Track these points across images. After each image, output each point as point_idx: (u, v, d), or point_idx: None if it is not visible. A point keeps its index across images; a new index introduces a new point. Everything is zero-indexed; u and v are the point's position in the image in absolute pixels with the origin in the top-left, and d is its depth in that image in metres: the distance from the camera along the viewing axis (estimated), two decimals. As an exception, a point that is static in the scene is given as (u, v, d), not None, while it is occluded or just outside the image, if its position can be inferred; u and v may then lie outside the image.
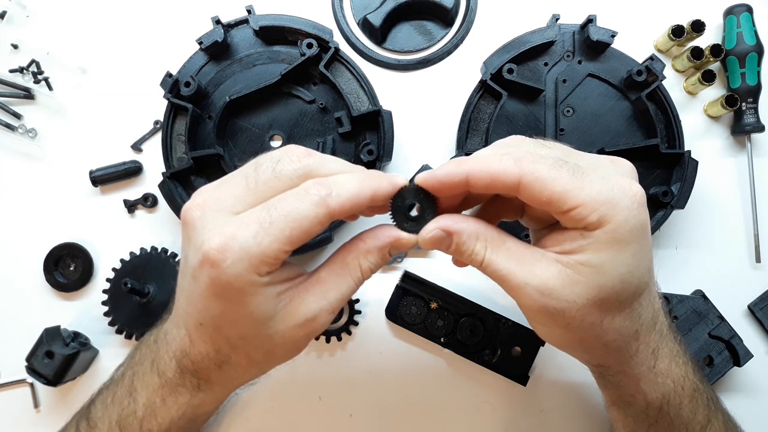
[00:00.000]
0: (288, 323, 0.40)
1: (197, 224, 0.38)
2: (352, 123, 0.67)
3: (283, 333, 0.40)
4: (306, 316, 0.40)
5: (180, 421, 0.46)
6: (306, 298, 0.41)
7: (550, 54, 0.69)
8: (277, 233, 0.37)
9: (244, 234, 0.36)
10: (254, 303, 0.38)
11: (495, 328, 0.67)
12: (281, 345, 0.41)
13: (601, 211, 0.37)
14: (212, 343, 0.41)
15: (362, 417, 0.69)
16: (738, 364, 0.66)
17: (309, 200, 0.37)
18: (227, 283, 0.37)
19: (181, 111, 0.67)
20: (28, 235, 0.71)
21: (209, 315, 0.40)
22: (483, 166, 0.38)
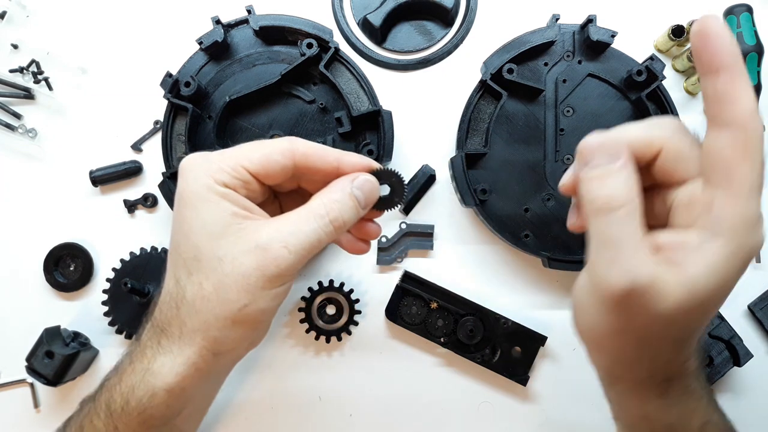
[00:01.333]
0: (239, 247, 0.40)
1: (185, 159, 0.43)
2: (352, 123, 0.67)
3: (233, 257, 0.40)
4: (256, 242, 0.40)
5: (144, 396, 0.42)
6: (261, 227, 0.41)
7: (550, 54, 0.69)
8: (239, 150, 0.42)
9: (213, 152, 0.42)
10: (207, 211, 0.40)
11: (495, 328, 0.67)
12: (231, 275, 0.40)
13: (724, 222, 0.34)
14: (173, 270, 0.42)
15: (362, 417, 0.69)
16: (738, 364, 0.66)
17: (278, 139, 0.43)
18: (186, 186, 0.40)
19: (181, 111, 0.67)
20: (28, 235, 0.71)
21: (174, 231, 0.41)
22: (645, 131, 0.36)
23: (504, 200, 0.67)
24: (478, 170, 0.68)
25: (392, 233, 0.71)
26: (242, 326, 0.42)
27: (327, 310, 0.70)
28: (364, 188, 0.43)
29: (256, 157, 0.42)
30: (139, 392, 0.42)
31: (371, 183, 0.44)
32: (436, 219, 0.71)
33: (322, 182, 0.44)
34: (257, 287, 0.40)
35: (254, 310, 0.41)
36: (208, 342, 0.41)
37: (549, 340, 0.68)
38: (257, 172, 0.42)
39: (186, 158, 0.43)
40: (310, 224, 0.41)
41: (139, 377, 0.42)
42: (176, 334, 0.42)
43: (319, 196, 0.43)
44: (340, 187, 0.43)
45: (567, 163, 0.68)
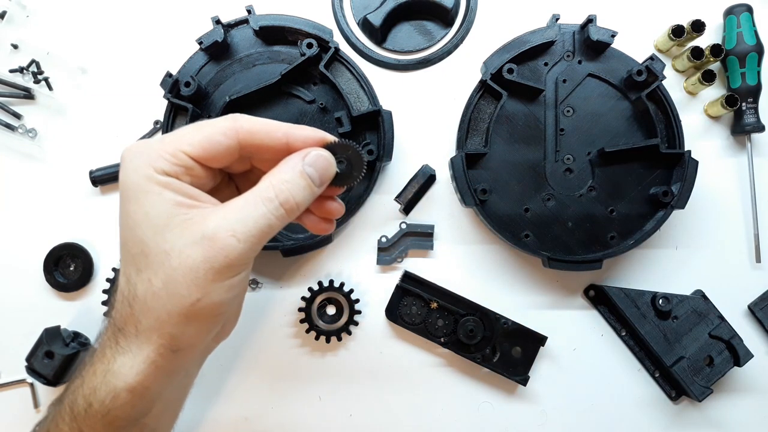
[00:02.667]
0: (185, 239, 0.37)
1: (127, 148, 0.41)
2: (352, 123, 0.67)
3: (179, 251, 0.37)
4: (203, 232, 0.37)
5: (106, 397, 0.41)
6: (207, 216, 0.38)
7: (550, 54, 0.69)
8: (179, 134, 0.39)
9: (153, 139, 0.40)
10: (149, 202, 0.38)
11: (495, 328, 0.67)
12: (179, 269, 0.37)
13: None
14: (124, 268, 0.40)
15: (362, 417, 0.69)
16: (738, 364, 0.66)
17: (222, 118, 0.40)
18: (127, 178, 0.38)
19: (181, 111, 0.67)
20: (28, 235, 0.71)
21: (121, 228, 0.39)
22: None
23: (504, 200, 0.67)
24: (478, 170, 0.68)
25: (392, 233, 0.70)
26: (198, 321, 0.40)
27: (327, 310, 0.70)
28: (317, 164, 0.40)
29: (197, 140, 0.39)
30: (101, 394, 0.41)
31: (324, 158, 0.41)
32: (436, 219, 0.71)
33: (274, 161, 0.41)
34: (207, 280, 0.38)
35: (208, 303, 0.39)
36: (164, 339, 0.40)
37: (549, 340, 0.68)
38: (199, 155, 0.39)
39: (126, 148, 0.40)
40: (258, 209, 0.38)
41: (100, 379, 0.41)
42: (132, 332, 0.40)
43: (267, 176, 0.40)
44: (290, 165, 0.40)
45: (567, 163, 0.68)
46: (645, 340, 0.67)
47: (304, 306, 0.68)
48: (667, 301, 0.67)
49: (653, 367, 0.70)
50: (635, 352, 0.70)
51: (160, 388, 0.42)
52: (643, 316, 0.67)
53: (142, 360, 0.40)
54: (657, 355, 0.67)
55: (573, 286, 0.71)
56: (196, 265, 0.37)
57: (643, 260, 0.71)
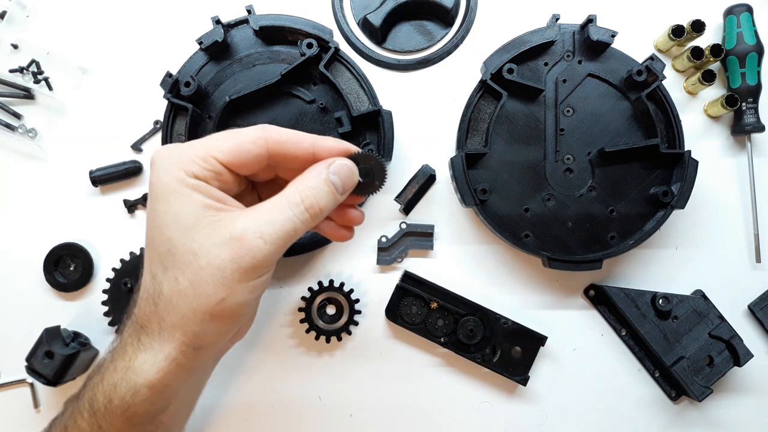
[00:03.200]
0: (212, 239, 0.39)
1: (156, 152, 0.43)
2: (352, 123, 0.67)
3: (207, 250, 0.39)
4: (231, 233, 0.39)
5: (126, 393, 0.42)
6: (235, 218, 0.40)
7: (550, 54, 0.69)
8: (210, 140, 0.41)
9: (184, 144, 0.41)
10: (179, 203, 0.39)
11: (495, 328, 0.67)
12: (206, 269, 0.39)
13: None
14: (149, 265, 0.41)
15: (362, 417, 0.69)
16: (738, 364, 0.66)
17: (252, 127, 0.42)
18: (158, 180, 0.40)
19: (181, 111, 0.67)
20: (28, 235, 0.71)
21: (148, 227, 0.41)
22: None
23: (504, 200, 0.67)
24: (478, 170, 0.67)
25: (392, 233, 0.71)
26: (221, 320, 0.41)
27: (327, 310, 0.70)
28: (341, 173, 0.42)
29: (227, 146, 0.41)
30: (122, 390, 0.42)
31: (348, 167, 0.43)
32: (436, 219, 0.71)
33: (299, 170, 0.43)
34: (233, 280, 0.39)
35: (232, 303, 0.40)
36: (187, 337, 0.41)
37: (549, 340, 0.68)
38: (229, 162, 0.41)
39: (157, 150, 0.42)
40: (284, 212, 0.40)
41: (120, 375, 0.42)
42: (155, 330, 0.41)
43: (294, 183, 0.42)
44: (315, 173, 0.42)
45: (567, 163, 0.68)
46: (645, 340, 0.67)
47: (304, 306, 0.68)
48: (667, 301, 0.67)
49: (653, 367, 0.70)
50: (635, 352, 0.70)
51: (178, 386, 0.43)
52: (643, 316, 0.67)
53: (163, 357, 0.41)
54: (657, 355, 0.67)
55: (573, 286, 0.71)
56: (224, 264, 0.39)
57: (643, 260, 0.71)
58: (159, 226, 0.40)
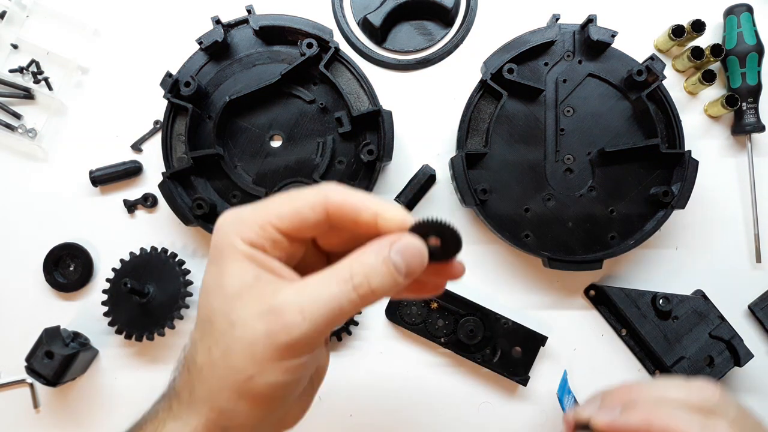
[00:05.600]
0: (252, 309, 0.36)
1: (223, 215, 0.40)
2: (352, 123, 0.67)
3: (244, 321, 0.36)
4: (270, 305, 0.35)
5: None
6: (279, 289, 0.36)
7: (551, 54, 0.69)
8: (270, 205, 0.38)
9: (246, 207, 0.39)
10: (228, 270, 0.37)
11: (495, 328, 0.67)
12: (239, 341, 0.36)
13: None
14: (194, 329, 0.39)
15: (362, 417, 0.69)
16: (738, 364, 0.66)
17: (310, 190, 0.38)
18: (216, 242, 0.38)
19: (181, 111, 0.67)
20: (28, 235, 0.71)
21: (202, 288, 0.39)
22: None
23: (504, 200, 0.67)
24: (478, 170, 0.67)
25: (392, 233, 0.70)
26: (250, 401, 0.37)
27: (327, 310, 0.70)
28: (406, 254, 0.37)
29: (286, 213, 0.37)
30: None
31: (416, 248, 0.37)
32: (436, 219, 0.71)
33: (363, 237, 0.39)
34: (265, 357, 0.35)
35: (261, 383, 0.36)
36: (214, 414, 0.38)
37: (549, 340, 0.68)
38: (287, 229, 0.37)
39: (222, 214, 0.39)
40: (330, 289, 0.36)
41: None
42: (186, 400, 0.39)
43: (350, 257, 0.37)
44: (375, 249, 0.37)
45: (567, 163, 0.68)
46: (645, 340, 0.67)
47: (304, 306, 0.68)
48: (667, 301, 0.67)
49: (653, 367, 0.70)
50: (635, 352, 0.70)
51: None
52: (643, 316, 0.67)
53: (190, 431, 0.38)
54: (657, 355, 0.67)
55: (573, 286, 0.71)
56: (257, 338, 0.35)
57: (643, 260, 0.71)
58: (206, 291, 0.38)
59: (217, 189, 0.69)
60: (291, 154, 0.68)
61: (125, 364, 0.70)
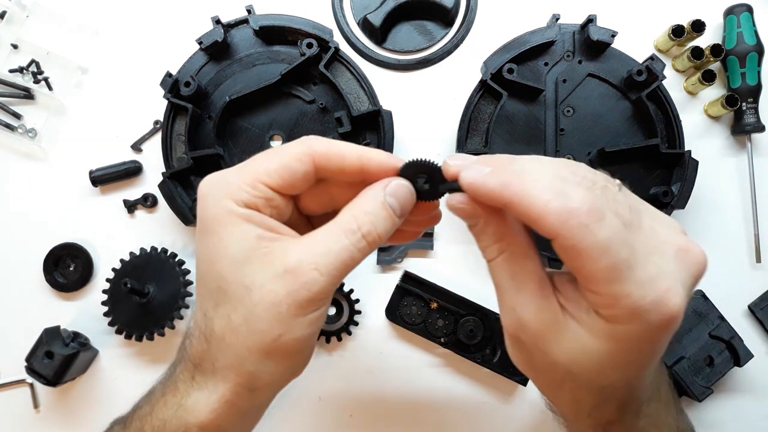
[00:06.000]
0: (266, 273, 0.36)
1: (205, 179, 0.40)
2: (352, 123, 0.67)
3: (261, 285, 0.36)
4: (285, 266, 0.36)
5: None
6: (289, 249, 0.37)
7: (550, 54, 0.69)
8: (257, 164, 0.38)
9: (230, 170, 0.39)
10: (230, 236, 0.37)
11: (495, 328, 0.67)
12: (261, 305, 0.36)
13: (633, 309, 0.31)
14: (201, 302, 0.39)
15: (362, 417, 0.69)
16: (738, 364, 0.66)
17: (293, 143, 0.39)
18: (206, 211, 0.38)
19: (181, 111, 0.67)
20: (28, 235, 0.71)
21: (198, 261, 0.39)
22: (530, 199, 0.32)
23: (504, 200, 0.67)
24: (478, 170, 0.67)
25: (392, 233, 0.70)
26: (278, 358, 0.38)
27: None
28: (398, 194, 0.38)
29: (274, 168, 0.38)
30: (171, 427, 0.40)
31: (406, 188, 0.39)
32: (436, 219, 0.71)
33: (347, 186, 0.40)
34: (290, 315, 0.37)
35: (289, 339, 0.37)
36: (242, 378, 0.39)
37: (549, 340, 0.68)
38: (278, 185, 0.38)
39: (203, 180, 0.39)
40: (340, 241, 0.37)
41: (171, 411, 0.40)
42: (209, 369, 0.39)
43: (349, 208, 0.39)
44: (371, 196, 0.38)
45: (567, 163, 0.68)
46: (645, 340, 0.67)
47: (304, 306, 0.68)
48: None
49: (653, 367, 0.70)
50: (635, 352, 0.70)
51: (231, 427, 0.41)
52: (643, 316, 0.67)
53: (217, 398, 0.39)
54: (657, 355, 0.67)
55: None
56: (279, 299, 0.36)
57: (643, 260, 0.71)
58: (209, 261, 0.38)
59: (217, 189, 0.68)
60: (291, 154, 0.68)
61: (125, 364, 0.70)
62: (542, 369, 0.37)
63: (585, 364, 0.34)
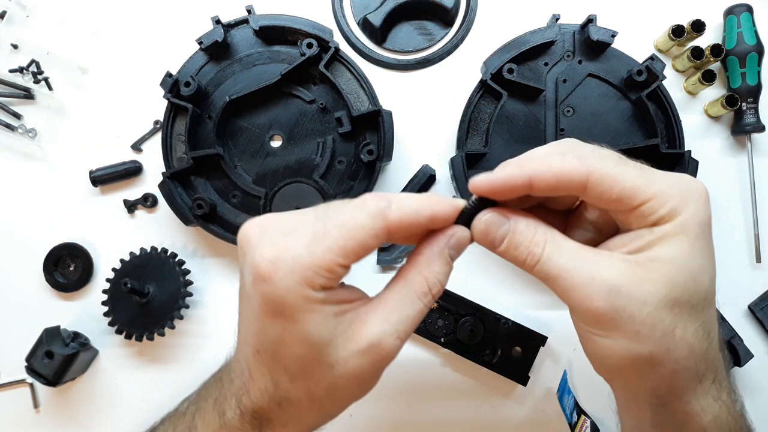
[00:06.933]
0: (350, 349, 0.37)
1: (253, 241, 0.36)
2: (352, 123, 0.67)
3: (345, 361, 0.37)
4: (369, 341, 0.37)
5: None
6: (368, 321, 0.37)
7: (551, 54, 0.69)
8: (330, 243, 0.35)
9: (296, 244, 0.35)
10: (310, 322, 0.36)
11: (495, 328, 0.67)
12: (345, 377, 0.37)
13: (671, 204, 0.36)
14: (270, 374, 0.38)
15: (362, 417, 0.69)
16: (738, 364, 0.66)
17: (366, 210, 0.36)
18: (279, 297, 0.35)
19: (181, 111, 0.67)
20: (28, 235, 0.71)
21: (265, 339, 0.37)
22: (547, 166, 0.36)
23: (504, 200, 0.67)
24: (478, 170, 0.67)
25: (392, 233, 0.70)
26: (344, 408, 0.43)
27: (327, 310, 0.70)
28: (459, 247, 0.39)
29: (351, 248, 0.36)
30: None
31: (466, 240, 0.39)
32: (436, 219, 0.71)
33: None
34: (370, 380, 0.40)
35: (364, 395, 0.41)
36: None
37: (549, 340, 0.68)
38: (353, 262, 0.37)
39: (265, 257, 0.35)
40: (417, 306, 0.38)
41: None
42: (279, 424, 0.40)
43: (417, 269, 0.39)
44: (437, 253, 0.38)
45: (567, 163, 0.68)
46: (645, 340, 0.67)
47: (304, 306, 0.68)
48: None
49: (653, 367, 0.70)
50: (635, 352, 0.70)
51: None
52: (643, 316, 0.67)
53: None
54: (657, 355, 0.67)
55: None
56: (363, 371, 0.38)
57: (643, 260, 0.71)
58: (285, 344, 0.37)
59: (217, 189, 0.69)
60: (291, 154, 0.68)
61: (125, 364, 0.70)
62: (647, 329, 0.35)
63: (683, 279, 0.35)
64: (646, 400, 0.39)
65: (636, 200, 0.35)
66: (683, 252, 0.36)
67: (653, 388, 0.38)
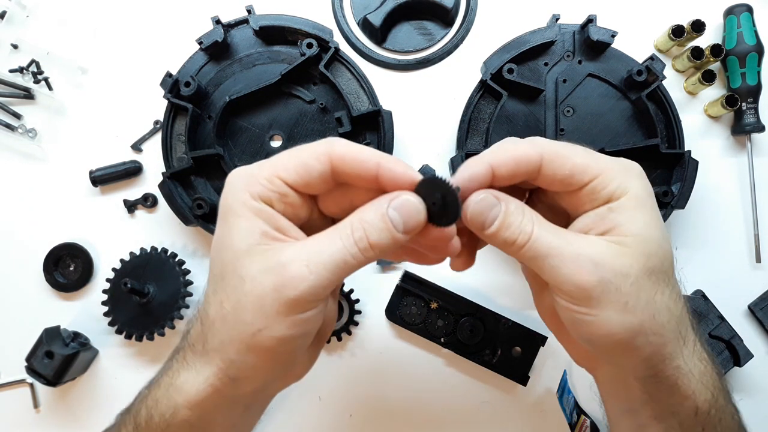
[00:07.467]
0: (258, 264, 0.37)
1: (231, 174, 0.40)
2: (352, 123, 0.67)
3: (252, 278, 0.37)
4: (278, 260, 0.37)
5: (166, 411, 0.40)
6: (287, 247, 0.38)
7: (550, 54, 0.69)
8: (276, 161, 0.39)
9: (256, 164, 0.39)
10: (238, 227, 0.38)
11: (495, 328, 0.67)
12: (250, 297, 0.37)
13: (619, 180, 0.38)
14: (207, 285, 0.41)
15: (362, 417, 0.69)
16: (738, 364, 0.66)
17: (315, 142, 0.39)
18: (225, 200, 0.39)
19: (181, 111, 0.67)
20: (28, 235, 0.71)
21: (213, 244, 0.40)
22: (504, 151, 0.38)
23: (504, 200, 0.67)
24: (478, 170, 0.67)
25: (392, 233, 0.70)
26: (258, 354, 0.38)
27: (327, 310, 0.70)
28: (403, 210, 0.37)
29: (292, 164, 0.38)
30: (162, 407, 0.40)
31: (413, 205, 0.37)
32: (436, 219, 0.71)
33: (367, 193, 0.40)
34: (273, 311, 0.37)
35: (269, 337, 0.37)
36: (225, 364, 0.39)
37: (549, 340, 0.68)
38: (294, 181, 0.38)
39: (233, 170, 0.40)
40: (334, 243, 0.37)
41: (163, 391, 0.41)
42: (199, 351, 0.40)
43: (352, 215, 0.39)
44: (375, 206, 0.38)
45: (567, 163, 0.68)
46: (645, 340, 0.67)
47: (304, 306, 0.68)
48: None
49: (653, 367, 0.70)
50: (635, 352, 0.70)
51: (218, 414, 0.41)
52: (643, 316, 0.67)
53: (203, 380, 0.40)
54: (657, 355, 0.67)
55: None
56: (265, 292, 0.37)
57: (643, 260, 0.71)
58: (217, 248, 0.39)
59: (217, 189, 0.69)
60: (291, 154, 0.68)
61: (125, 364, 0.70)
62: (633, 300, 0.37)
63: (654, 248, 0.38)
64: (636, 376, 0.40)
65: (587, 175, 0.38)
66: (646, 224, 0.38)
67: (646, 359, 0.39)
